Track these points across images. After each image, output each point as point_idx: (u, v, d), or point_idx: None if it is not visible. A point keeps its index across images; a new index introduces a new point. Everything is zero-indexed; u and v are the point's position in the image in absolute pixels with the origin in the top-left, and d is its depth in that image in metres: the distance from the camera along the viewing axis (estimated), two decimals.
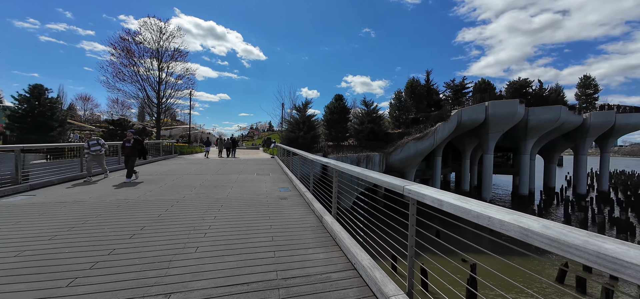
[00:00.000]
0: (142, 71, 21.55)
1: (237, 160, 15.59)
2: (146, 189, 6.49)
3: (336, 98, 21.20)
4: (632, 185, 33.55)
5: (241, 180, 8.34)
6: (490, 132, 23.23)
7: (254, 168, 11.51)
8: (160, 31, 21.52)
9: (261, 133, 64.76)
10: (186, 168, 10.84)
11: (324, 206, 4.66)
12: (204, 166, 11.67)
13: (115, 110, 47.12)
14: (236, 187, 7.05)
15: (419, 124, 21.30)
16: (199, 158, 16.02)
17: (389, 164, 19.12)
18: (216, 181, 7.93)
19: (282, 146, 14.18)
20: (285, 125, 22.95)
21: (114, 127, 19.58)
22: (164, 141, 18.86)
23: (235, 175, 9.38)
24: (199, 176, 8.73)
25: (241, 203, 5.35)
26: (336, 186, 4.13)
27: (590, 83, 28.95)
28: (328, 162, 4.29)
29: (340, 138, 20.67)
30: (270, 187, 7.21)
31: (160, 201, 5.27)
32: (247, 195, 6.07)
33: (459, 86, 27.52)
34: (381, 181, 2.63)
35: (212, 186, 7.11)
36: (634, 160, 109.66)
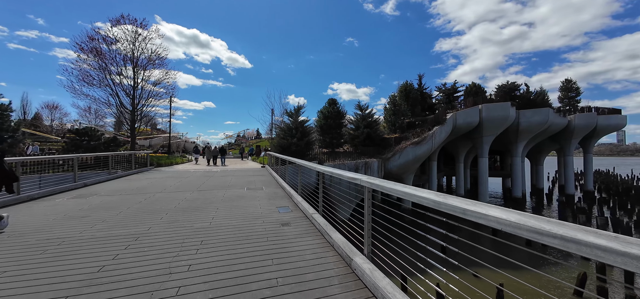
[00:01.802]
0: (115, 74, 19.42)
1: (225, 171, 13.92)
2: (96, 219, 4.87)
3: (330, 102, 20.14)
4: (614, 184, 34.94)
5: (229, 197, 6.84)
6: (484, 134, 23.05)
7: (244, 181, 9.98)
8: (135, 32, 19.58)
9: (248, 141, 62.45)
10: (161, 184, 9.12)
11: (350, 240, 3.35)
12: (184, 181, 9.98)
13: (88, 119, 43.45)
14: (223, 209, 5.57)
15: (415, 128, 20.66)
16: (179, 170, 14.17)
17: (387, 170, 18.16)
18: (197, 200, 6.38)
19: (274, 154, 12.76)
20: (275, 131, 21.51)
21: (79, 137, 17.22)
22: (141, 152, 16.78)
23: (222, 190, 7.85)
24: (176, 195, 7.12)
25: (229, 234, 3.92)
26: (370, 211, 2.86)
27: (572, 87, 30.03)
28: (359, 178, 3.02)
29: (335, 145, 19.53)
30: (266, 207, 5.79)
31: (110, 240, 3.73)
32: (237, 221, 4.63)
33: (451, 90, 27.48)
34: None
35: (191, 208, 5.58)
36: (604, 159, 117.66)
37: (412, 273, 2.37)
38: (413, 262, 2.32)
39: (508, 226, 1.25)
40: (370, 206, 2.88)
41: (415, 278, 2.40)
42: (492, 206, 1.46)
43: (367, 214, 2.87)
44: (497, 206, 1.45)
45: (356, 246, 3.15)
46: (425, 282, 2.35)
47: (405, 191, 2.16)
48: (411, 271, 2.34)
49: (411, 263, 2.32)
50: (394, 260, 2.65)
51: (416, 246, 2.40)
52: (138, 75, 20.16)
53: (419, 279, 2.28)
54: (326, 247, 3.45)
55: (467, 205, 1.49)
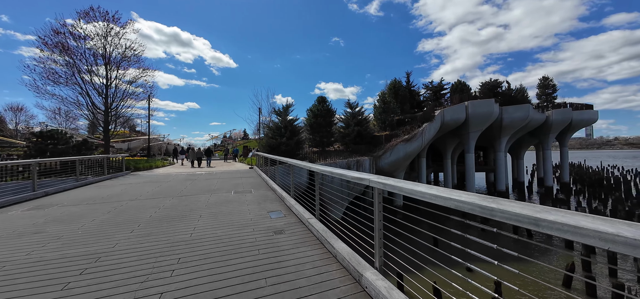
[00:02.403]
0: (85, 72, 17.84)
1: (210, 173, 13.07)
2: (51, 235, 4.11)
3: (319, 100, 19.67)
4: (587, 175, 37.17)
5: (214, 202, 6.20)
6: (470, 131, 23.55)
7: (231, 184, 9.29)
8: (107, 26, 18.06)
9: (235, 142, 60.66)
10: (137, 190, 8.26)
11: (357, 250, 2.90)
12: (164, 186, 9.14)
13: (58, 121, 40.29)
14: (206, 216, 4.95)
15: (405, 125, 20.69)
16: (159, 175, 13.15)
17: (379, 168, 18.00)
18: (177, 208, 5.69)
19: (263, 154, 12.13)
20: (263, 131, 20.75)
21: (43, 140, 15.60)
22: (117, 155, 15.46)
23: (206, 195, 7.16)
24: (153, 202, 6.36)
25: (214, 248, 3.35)
26: (381, 217, 2.44)
27: (549, 84, 31.51)
28: (367, 178, 2.57)
29: (325, 144, 19.10)
30: (256, 212, 5.23)
31: (63, 263, 3.05)
32: (223, 231, 4.06)
33: (437, 87, 27.92)
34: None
35: (169, 218, 4.91)
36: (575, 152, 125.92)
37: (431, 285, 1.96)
38: (435, 274, 1.91)
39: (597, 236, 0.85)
40: (381, 211, 2.45)
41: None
42: (576, 213, 1.06)
43: (378, 220, 2.44)
44: (583, 214, 1.05)
45: (364, 257, 2.71)
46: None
47: (432, 193, 1.74)
48: (433, 285, 1.93)
49: (430, 274, 1.91)
50: (409, 271, 2.24)
51: (435, 253, 2.01)
52: (111, 73, 18.66)
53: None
54: (328, 259, 2.99)
55: (540, 212, 1.08)
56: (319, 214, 4.29)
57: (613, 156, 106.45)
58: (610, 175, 39.45)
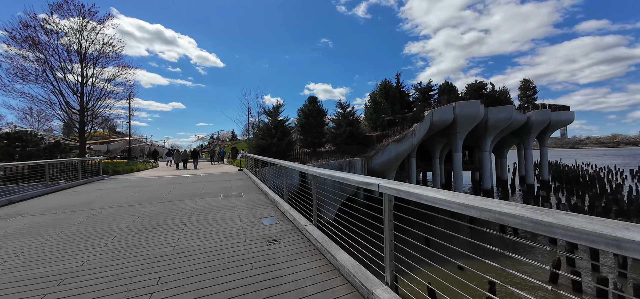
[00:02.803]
0: (58, 69, 16.56)
1: (196, 176, 12.44)
2: (9, 251, 3.57)
3: (310, 100, 19.37)
4: (564, 173, 39.16)
5: (201, 208, 5.75)
6: (458, 131, 24.10)
7: (219, 187, 8.80)
8: (82, 19, 16.88)
9: (223, 143, 59.12)
10: (114, 196, 7.62)
11: (362, 262, 2.64)
12: (145, 191, 8.51)
13: (30, 122, 37.58)
14: (192, 224, 4.53)
15: (395, 126, 20.81)
16: (140, 178, 12.36)
17: (370, 169, 17.96)
18: (158, 216, 5.22)
19: (253, 156, 11.68)
20: (253, 132, 20.18)
21: (11, 142, 14.28)
22: (94, 158, 14.42)
23: (192, 200, 6.68)
24: (132, 209, 5.83)
25: (200, 263, 2.99)
26: (391, 226, 2.20)
27: (530, 86, 32.94)
28: (375, 183, 2.33)
29: (316, 144, 18.83)
30: (248, 218, 4.87)
31: (18, 287, 2.58)
32: (211, 242, 3.68)
33: (426, 88, 28.41)
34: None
35: (149, 227, 4.46)
36: (550, 151, 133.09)
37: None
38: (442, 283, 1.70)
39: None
40: (392, 219, 2.21)
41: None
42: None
43: (388, 229, 2.19)
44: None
45: (372, 270, 2.46)
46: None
47: (461, 202, 1.51)
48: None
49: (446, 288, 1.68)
50: (422, 286, 2.01)
51: (447, 264, 1.79)
52: (87, 70, 17.45)
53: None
54: (330, 272, 2.71)
55: (620, 231, 0.86)
56: (317, 220, 4.01)
57: (586, 154, 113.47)
58: (584, 173, 41.80)
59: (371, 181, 2.35)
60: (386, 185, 2.17)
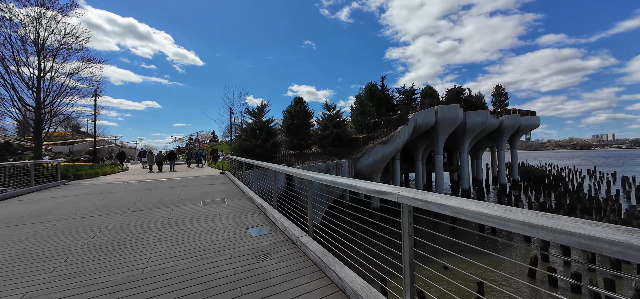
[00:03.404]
0: (10, 61, 14.54)
1: (173, 181, 11.42)
2: None
3: (296, 101, 18.90)
4: (532, 173, 42.21)
5: (177, 218, 5.09)
6: (439, 133, 24.93)
7: (199, 193, 8.06)
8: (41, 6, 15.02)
9: (203, 145, 56.42)
10: (74, 205, 6.63)
11: (370, 281, 2.30)
12: (111, 198, 7.55)
13: None
14: (166, 239, 3.92)
15: (381, 128, 21.00)
16: (107, 183, 11.11)
17: (357, 170, 17.87)
18: (126, 229, 4.51)
19: (237, 158, 10.98)
20: (235, 132, 19.24)
21: None
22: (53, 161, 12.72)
23: (167, 208, 5.96)
24: (94, 221, 5.02)
25: (176, 290, 2.46)
26: (411, 242, 1.88)
27: (502, 92, 35.17)
28: (393, 192, 1.99)
29: (302, 146, 18.38)
30: (233, 229, 4.34)
31: None
32: (189, 261, 3.13)
33: (409, 92, 29.17)
34: None
35: (113, 244, 3.78)
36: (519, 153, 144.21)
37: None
38: None
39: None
40: (412, 235, 1.89)
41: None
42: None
43: (408, 247, 1.87)
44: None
45: (379, 288, 2.11)
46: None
47: (484, 212, 1.21)
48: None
49: None
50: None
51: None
52: (46, 63, 15.53)
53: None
54: (335, 294, 2.33)
55: None
56: (313, 230, 3.61)
57: (547, 156, 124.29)
58: (549, 173, 45.44)
59: (387, 190, 2.01)
60: (406, 195, 1.84)
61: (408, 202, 1.85)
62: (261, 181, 8.65)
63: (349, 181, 2.57)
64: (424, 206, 1.74)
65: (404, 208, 1.90)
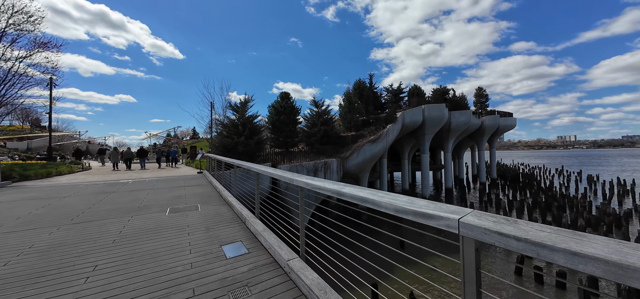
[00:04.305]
0: None
1: (140, 182, 10.05)
2: None
3: (282, 96, 17.88)
4: (508, 172, 44.33)
5: (131, 233, 4.06)
6: (426, 132, 25.06)
7: (168, 197, 6.94)
8: None
9: (182, 142, 53.29)
10: (2, 215, 5.29)
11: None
12: (55, 205, 6.23)
13: None
14: (107, 266, 2.93)
15: (369, 126, 20.57)
16: (58, 185, 9.52)
17: (346, 170, 17.26)
18: (58, 249, 3.43)
19: (216, 157, 9.87)
20: (216, 129, 17.85)
21: None
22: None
23: (122, 218, 4.86)
24: (20, 238, 3.85)
25: None
26: (479, 284, 1.13)
27: (483, 94, 36.39)
28: (449, 217, 1.20)
29: (289, 144, 17.44)
30: (203, 247, 3.43)
31: None
32: (136, 295, 2.21)
33: (397, 91, 29.11)
34: None
35: (31, 275, 2.73)
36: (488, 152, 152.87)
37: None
38: None
39: None
40: (479, 278, 1.15)
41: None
42: None
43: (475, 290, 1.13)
44: None
45: None
46: None
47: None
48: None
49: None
50: None
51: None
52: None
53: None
54: None
55: None
56: (306, 250, 2.81)
57: (518, 155, 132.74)
58: (521, 171, 48.05)
59: (443, 214, 1.25)
60: (474, 222, 1.10)
61: (473, 235, 1.11)
62: (243, 182, 7.68)
63: (364, 193, 1.80)
64: (508, 246, 1.01)
65: (466, 243, 1.16)
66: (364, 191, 1.82)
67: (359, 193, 1.80)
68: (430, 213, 1.27)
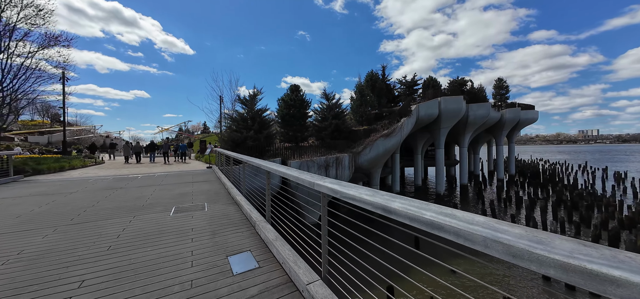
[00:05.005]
0: None
1: (149, 177, 9.85)
2: None
3: (292, 89, 17.30)
4: (527, 168, 42.19)
5: (130, 237, 3.65)
6: (441, 126, 23.89)
7: (174, 194, 6.58)
8: None
9: (194, 136, 54.04)
10: (2, 212, 5.07)
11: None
12: (59, 201, 6.00)
13: None
14: (95, 282, 2.49)
15: (382, 120, 19.72)
16: (69, 180, 9.45)
17: (358, 165, 16.61)
18: (45, 257, 3.05)
19: (224, 152, 9.49)
20: (225, 123, 17.58)
21: None
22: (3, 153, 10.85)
23: (124, 219, 4.49)
24: (10, 241, 3.53)
25: None
26: None
27: (503, 85, 34.38)
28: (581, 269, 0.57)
29: (299, 138, 16.92)
30: (206, 257, 2.95)
31: None
32: None
33: (411, 82, 27.86)
34: None
35: (18, 288, 2.32)
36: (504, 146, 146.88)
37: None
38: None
39: None
40: None
41: None
42: None
43: None
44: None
45: None
46: None
47: None
48: None
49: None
50: None
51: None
52: (3, 39, 13.34)
53: None
54: None
55: None
56: (328, 272, 2.26)
57: (536, 151, 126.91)
58: (542, 168, 45.64)
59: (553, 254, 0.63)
60: None
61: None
62: (252, 178, 7.24)
63: (433, 213, 1.20)
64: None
65: None
66: (430, 211, 1.23)
67: (424, 215, 1.20)
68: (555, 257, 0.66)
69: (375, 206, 1.46)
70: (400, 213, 1.31)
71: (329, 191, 2.05)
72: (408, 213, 1.27)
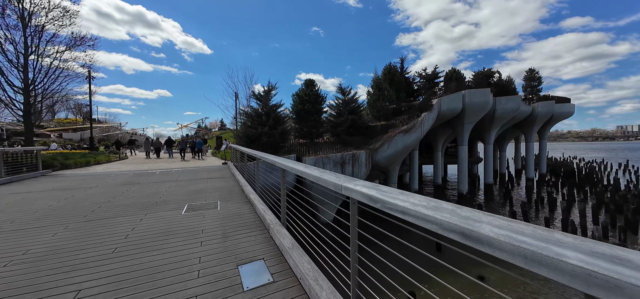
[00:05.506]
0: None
1: (167, 172, 9.93)
2: None
3: (307, 83, 16.87)
4: (559, 167, 38.89)
5: (139, 237, 3.41)
6: (465, 121, 22.40)
7: (188, 191, 6.42)
8: None
9: (210, 132, 55.64)
10: (21, 207, 5.11)
11: None
12: (78, 197, 6.02)
13: None
14: (92, 294, 2.20)
15: (401, 115, 18.76)
16: (92, 175, 9.74)
17: (375, 162, 15.91)
18: (48, 259, 2.85)
19: (239, 148, 9.29)
20: (241, 119, 17.59)
21: None
22: (32, 148, 11.52)
23: (136, 216, 4.31)
24: (20, 240, 3.42)
25: None
26: None
27: (535, 76, 31.66)
28: None
29: (314, 135, 16.51)
30: (214, 265, 2.59)
31: None
32: None
33: (431, 75, 26.38)
34: None
35: (26, 287, 2.10)
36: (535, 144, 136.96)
37: None
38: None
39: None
40: None
41: None
42: None
43: None
44: None
45: None
46: None
47: None
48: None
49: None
50: None
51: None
52: (33, 39, 14.11)
53: None
54: None
55: None
56: (357, 296, 1.79)
57: (568, 148, 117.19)
58: (576, 167, 41.81)
59: None
60: None
61: None
62: (266, 175, 6.91)
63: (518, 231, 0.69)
64: None
65: None
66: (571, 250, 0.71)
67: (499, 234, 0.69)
68: None
69: (449, 229, 0.96)
70: (497, 245, 0.80)
71: (364, 198, 1.56)
72: (525, 250, 0.76)
